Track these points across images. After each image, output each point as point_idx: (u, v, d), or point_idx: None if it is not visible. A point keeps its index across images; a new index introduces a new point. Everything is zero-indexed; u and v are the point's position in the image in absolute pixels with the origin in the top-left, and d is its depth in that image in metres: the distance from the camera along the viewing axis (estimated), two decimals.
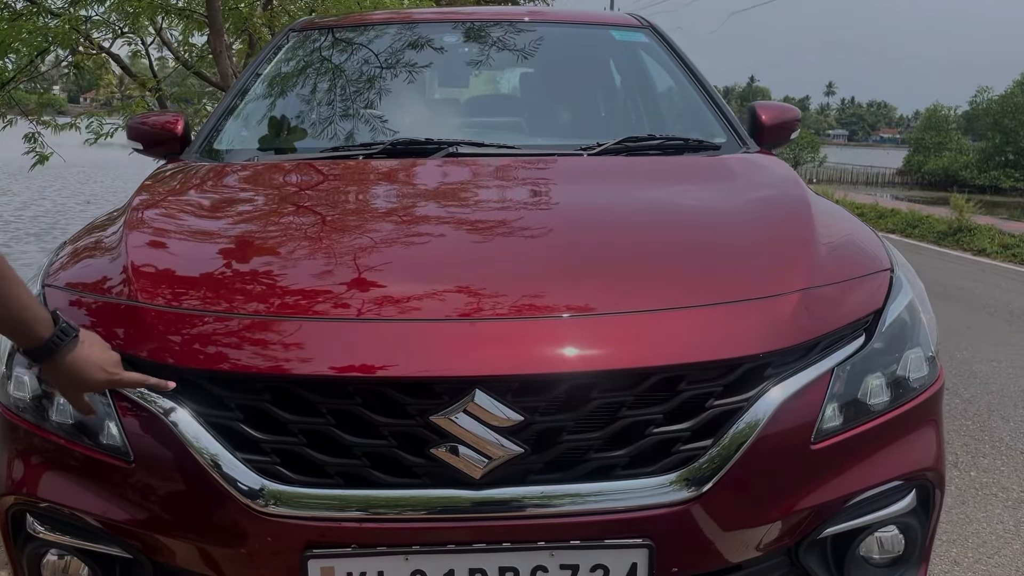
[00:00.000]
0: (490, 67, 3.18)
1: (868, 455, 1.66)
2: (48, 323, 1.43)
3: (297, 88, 3.01)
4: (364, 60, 3.09)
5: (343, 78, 3.01)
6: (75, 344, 1.46)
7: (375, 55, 3.12)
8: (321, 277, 1.69)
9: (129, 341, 1.59)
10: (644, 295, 1.65)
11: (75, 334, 1.46)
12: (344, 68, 3.07)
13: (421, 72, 3.09)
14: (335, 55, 3.15)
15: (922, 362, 1.77)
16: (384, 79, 3.01)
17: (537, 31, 3.20)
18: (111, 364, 1.49)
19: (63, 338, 1.44)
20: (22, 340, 1.43)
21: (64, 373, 1.46)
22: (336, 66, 3.08)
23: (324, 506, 1.50)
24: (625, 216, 2.03)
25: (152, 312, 1.61)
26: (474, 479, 1.49)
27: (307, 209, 2.10)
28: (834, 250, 1.89)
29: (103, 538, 1.62)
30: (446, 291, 1.63)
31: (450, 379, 1.48)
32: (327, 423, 1.49)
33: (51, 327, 1.43)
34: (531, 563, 1.51)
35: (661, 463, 1.53)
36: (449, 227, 1.95)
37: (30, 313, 1.40)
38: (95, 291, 1.73)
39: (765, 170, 2.43)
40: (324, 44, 3.22)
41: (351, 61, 3.12)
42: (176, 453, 1.52)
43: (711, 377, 1.55)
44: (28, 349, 1.45)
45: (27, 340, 1.43)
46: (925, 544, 1.82)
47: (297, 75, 3.08)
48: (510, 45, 3.13)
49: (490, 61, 3.13)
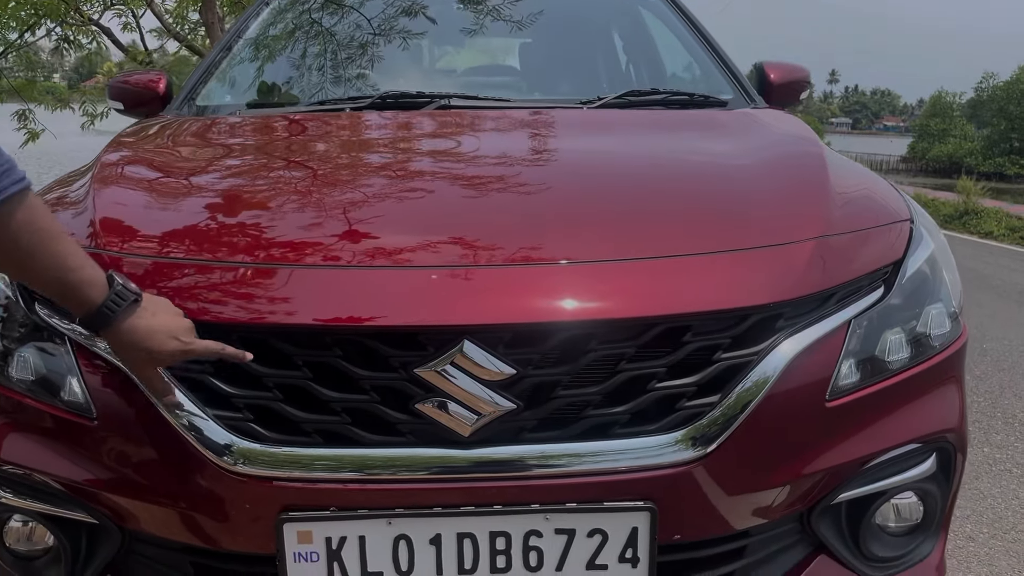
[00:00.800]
0: (486, 26, 3.06)
1: (886, 415, 1.55)
2: (102, 286, 1.27)
3: (284, 45, 2.89)
4: (355, 16, 2.97)
5: (332, 35, 2.90)
6: (134, 309, 1.29)
7: (366, 13, 3.00)
8: (296, 224, 1.57)
9: None
10: (646, 243, 1.53)
11: (134, 298, 1.29)
12: (334, 24, 2.95)
13: (414, 30, 2.97)
14: (325, 13, 3.03)
15: (944, 318, 1.66)
16: (375, 36, 2.89)
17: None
18: (183, 332, 1.32)
19: (119, 303, 1.27)
20: (73, 306, 1.27)
21: (126, 344, 1.30)
22: (325, 23, 2.96)
23: (300, 466, 1.38)
24: (627, 165, 1.90)
25: (118, 260, 1.49)
26: (463, 437, 1.38)
27: (284, 158, 1.98)
28: (850, 200, 1.76)
29: (68, 502, 1.51)
30: (433, 238, 1.51)
31: (436, 328, 1.36)
32: (304, 377, 1.38)
33: (105, 291, 1.27)
34: (524, 527, 1.40)
35: (664, 421, 1.42)
36: (438, 175, 1.83)
37: (81, 275, 1.24)
38: None
39: (776, 123, 2.30)
40: (314, 1, 3.10)
41: (340, 17, 3.00)
42: (142, 410, 1.41)
43: (718, 328, 1.43)
44: (82, 317, 1.28)
45: (79, 306, 1.26)
46: (945, 512, 1.71)
47: (285, 32, 2.96)
48: (508, 3, 3.00)
49: (487, 20, 3.01)
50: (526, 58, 3.20)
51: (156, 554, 1.53)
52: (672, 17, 2.99)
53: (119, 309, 1.28)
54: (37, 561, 1.60)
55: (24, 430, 1.52)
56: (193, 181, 1.84)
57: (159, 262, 1.48)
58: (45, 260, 1.20)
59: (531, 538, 1.41)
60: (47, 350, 1.50)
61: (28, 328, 1.52)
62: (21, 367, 1.52)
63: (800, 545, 1.60)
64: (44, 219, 1.20)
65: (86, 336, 1.44)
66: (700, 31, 2.89)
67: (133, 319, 1.29)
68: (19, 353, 1.52)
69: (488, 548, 1.41)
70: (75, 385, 1.46)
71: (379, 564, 1.41)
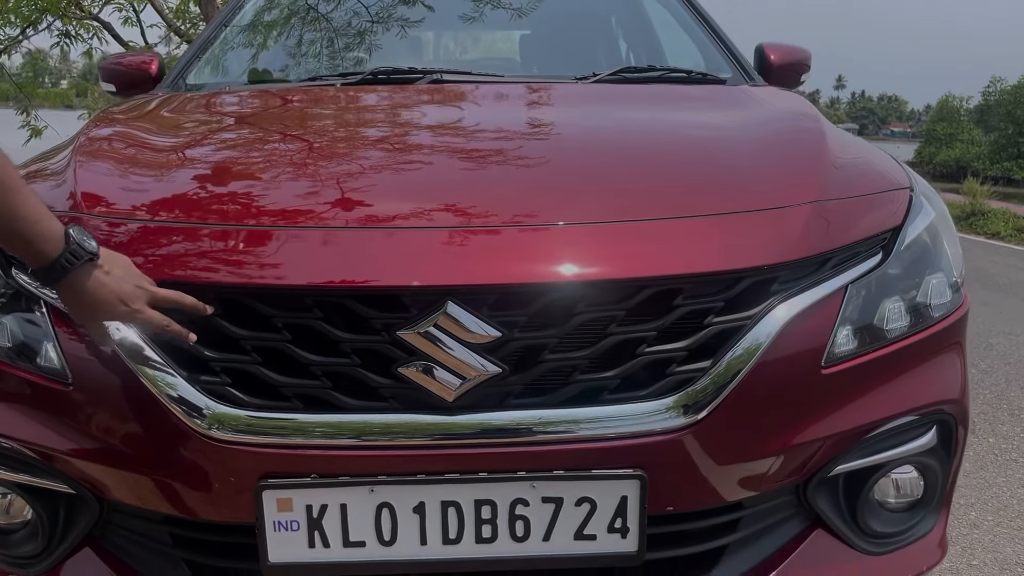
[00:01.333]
0: (485, 14, 3.02)
1: (884, 384, 1.50)
2: (58, 241, 1.25)
3: (277, 29, 2.86)
4: (351, 3, 2.94)
5: (327, 21, 2.87)
6: (89, 269, 1.27)
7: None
8: (276, 188, 1.54)
9: None
10: (638, 207, 1.49)
11: (88, 257, 1.27)
12: (329, 12, 2.92)
13: (411, 18, 2.94)
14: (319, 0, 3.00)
15: (944, 287, 1.61)
16: (372, 24, 2.86)
17: None
18: (132, 297, 1.30)
19: (72, 261, 1.25)
20: (31, 258, 1.26)
21: (74, 301, 1.29)
22: (321, 9, 2.93)
23: (280, 431, 1.34)
24: (620, 134, 1.86)
25: (93, 222, 1.46)
26: (446, 402, 1.34)
27: (269, 128, 1.94)
28: (848, 168, 1.72)
29: (44, 472, 1.47)
30: (417, 200, 1.47)
31: (419, 289, 1.32)
32: (283, 339, 1.34)
33: (61, 246, 1.25)
34: (510, 495, 1.36)
35: (655, 387, 1.37)
36: (426, 145, 1.79)
37: (37, 228, 1.22)
38: None
39: (774, 98, 2.26)
40: None
41: (336, 5, 2.97)
42: (119, 374, 1.38)
43: (710, 292, 1.39)
44: (36, 269, 1.27)
45: (34, 259, 1.25)
46: (946, 488, 1.66)
47: (279, 17, 2.94)
48: None
49: (485, 9, 2.97)
50: (524, 47, 3.17)
51: (134, 525, 1.49)
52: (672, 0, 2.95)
53: (71, 268, 1.26)
54: (15, 535, 1.56)
55: (1, 398, 1.49)
56: (173, 148, 1.81)
57: (134, 224, 1.45)
58: (5, 211, 1.18)
59: (517, 507, 1.37)
60: (23, 315, 1.47)
61: (3, 293, 1.49)
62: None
63: (796, 519, 1.55)
64: (6, 173, 1.17)
65: None
66: (699, 12, 2.85)
67: (85, 278, 1.27)
68: None
69: (473, 517, 1.37)
70: (51, 350, 1.43)
71: (361, 533, 1.37)
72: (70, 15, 6.10)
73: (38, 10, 5.93)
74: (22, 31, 6.21)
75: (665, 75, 2.41)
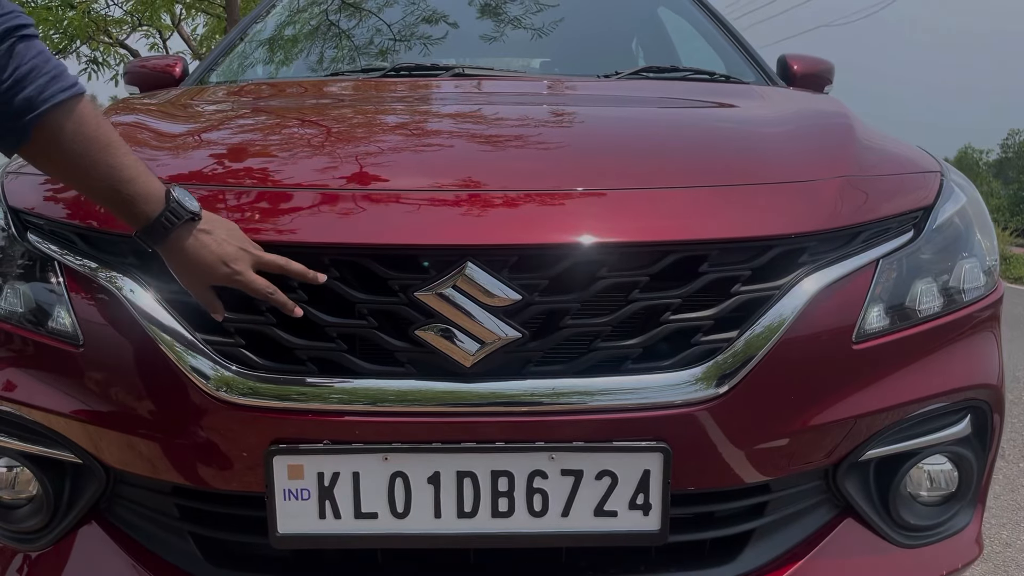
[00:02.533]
0: (507, 35, 3.02)
1: (916, 363, 1.45)
2: (158, 201, 1.23)
3: (299, 42, 2.88)
4: (373, 20, 2.96)
5: (349, 37, 2.89)
6: (190, 228, 1.24)
7: (385, 17, 2.99)
8: (297, 156, 1.52)
9: (78, 213, 1.42)
10: (664, 174, 1.46)
11: (190, 216, 1.24)
12: (352, 28, 2.94)
13: (430, 30, 2.95)
14: (342, 15, 3.02)
15: (978, 272, 1.56)
16: (394, 42, 2.87)
17: None
18: (234, 258, 1.26)
19: (173, 220, 1.23)
20: (129, 219, 1.24)
21: (178, 262, 1.27)
22: (343, 24, 2.95)
23: (292, 395, 1.31)
24: (647, 115, 1.85)
25: None
26: (464, 368, 1.30)
27: (291, 110, 1.92)
28: (879, 150, 1.69)
29: (51, 439, 1.44)
30: (440, 170, 1.45)
31: (438, 248, 1.30)
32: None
33: (161, 205, 1.23)
34: (528, 467, 1.31)
35: (679, 356, 1.33)
36: (448, 130, 1.77)
37: (135, 187, 1.20)
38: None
39: (801, 93, 2.24)
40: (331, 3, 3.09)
41: (358, 22, 2.99)
42: (131, 335, 1.35)
43: (738, 260, 1.35)
44: (137, 231, 1.25)
45: (134, 219, 1.23)
46: (982, 482, 1.59)
47: (301, 31, 2.96)
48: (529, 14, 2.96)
49: (506, 30, 2.97)
50: (541, 42, 3.16)
51: (140, 497, 1.45)
52: (693, 10, 2.95)
53: (171, 227, 1.23)
54: (19, 511, 1.52)
55: (10, 363, 1.46)
56: (196, 126, 1.81)
57: None
58: (98, 170, 1.18)
59: (535, 479, 1.31)
60: (37, 277, 1.44)
61: (18, 256, 1.47)
62: (10, 297, 1.46)
63: (825, 506, 1.49)
64: (95, 128, 1.17)
65: (78, 261, 1.39)
66: (721, 21, 2.85)
67: (186, 236, 1.24)
68: (10, 283, 1.46)
69: (490, 489, 1.32)
70: (63, 312, 1.40)
71: (374, 504, 1.32)
72: (98, 40, 6.21)
73: (67, 36, 6.04)
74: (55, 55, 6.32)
75: (688, 75, 2.39)
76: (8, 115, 1.13)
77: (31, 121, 1.13)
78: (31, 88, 1.12)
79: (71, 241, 1.42)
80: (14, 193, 1.53)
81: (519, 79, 2.29)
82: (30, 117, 1.13)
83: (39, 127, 1.14)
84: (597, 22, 3.00)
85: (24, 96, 1.12)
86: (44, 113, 1.13)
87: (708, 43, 2.85)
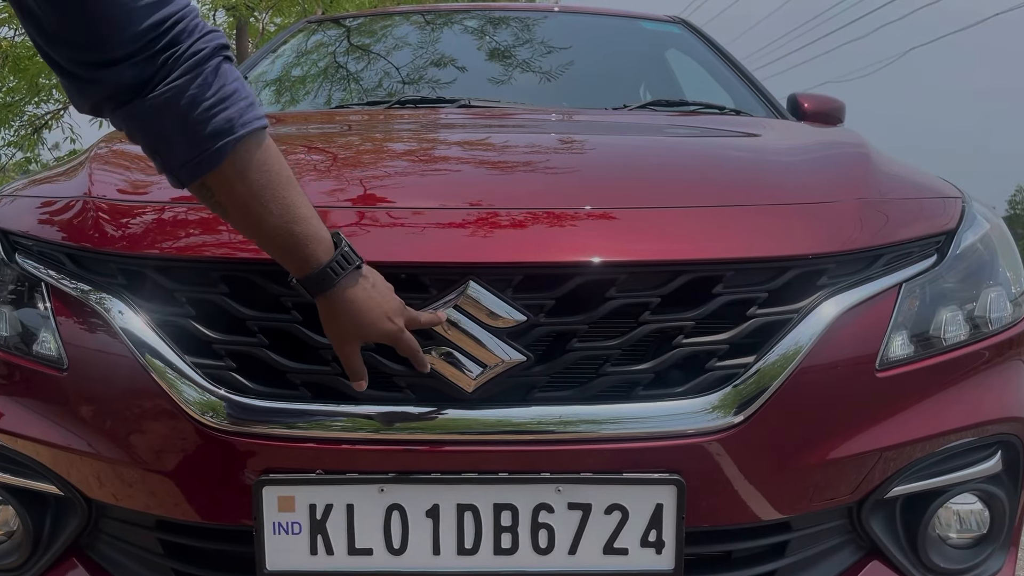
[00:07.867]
0: (514, 78, 3.01)
1: (942, 393, 1.38)
2: (329, 244, 1.13)
3: (307, 72, 2.87)
4: (380, 51, 2.96)
5: (358, 81, 2.88)
6: (356, 277, 1.15)
7: (394, 61, 2.98)
8: (303, 178, 1.46)
9: (74, 233, 1.38)
10: (676, 195, 1.42)
11: (358, 264, 1.15)
12: (359, 71, 2.93)
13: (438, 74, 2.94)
14: (350, 48, 3.02)
15: (1004, 301, 1.50)
16: (402, 85, 2.86)
17: (562, 22, 3.05)
18: (396, 312, 1.17)
19: (344, 266, 1.13)
20: (296, 262, 1.13)
21: (340, 313, 1.16)
22: (349, 54, 2.95)
23: (284, 422, 1.24)
24: (659, 141, 1.81)
25: (101, 205, 1.40)
26: (465, 393, 1.23)
27: (300, 139, 1.90)
28: (899, 176, 1.64)
29: (31, 470, 1.37)
30: (446, 192, 1.41)
31: (438, 266, 1.24)
32: (292, 320, 1.25)
33: (332, 250, 1.13)
34: (532, 500, 1.23)
35: (693, 383, 1.26)
36: (455, 157, 1.73)
37: (307, 228, 1.11)
38: (47, 196, 1.53)
39: (815, 125, 2.20)
40: (338, 35, 3.10)
41: (366, 65, 2.99)
42: (117, 360, 1.28)
43: (753, 281, 1.29)
44: (302, 278, 1.15)
45: (302, 262, 1.13)
46: (1015, 523, 1.50)
47: (308, 62, 2.96)
48: (535, 37, 2.96)
49: (514, 73, 2.96)
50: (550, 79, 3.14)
51: (123, 532, 1.37)
52: (702, 48, 2.93)
53: (343, 273, 1.14)
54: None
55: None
56: None
57: (145, 205, 1.39)
58: (277, 206, 1.09)
59: (541, 513, 1.23)
60: (24, 301, 1.39)
61: (7, 280, 1.42)
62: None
63: (850, 547, 1.40)
64: (279, 162, 1.09)
65: (67, 282, 1.33)
66: (731, 60, 2.83)
67: (354, 287, 1.15)
68: None
69: (492, 524, 1.24)
70: (49, 336, 1.34)
71: (369, 539, 1.24)
72: None
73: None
74: (65, 106, 6.39)
75: (699, 109, 2.36)
76: (202, 136, 1.03)
77: (229, 144, 1.04)
78: (233, 110, 1.03)
79: (60, 262, 1.37)
80: (5, 217, 1.49)
81: (527, 112, 2.25)
82: (229, 140, 1.03)
83: (232, 153, 1.05)
84: (605, 65, 2.99)
85: (226, 116, 1.03)
86: (242, 137, 1.04)
87: (719, 82, 2.82)
